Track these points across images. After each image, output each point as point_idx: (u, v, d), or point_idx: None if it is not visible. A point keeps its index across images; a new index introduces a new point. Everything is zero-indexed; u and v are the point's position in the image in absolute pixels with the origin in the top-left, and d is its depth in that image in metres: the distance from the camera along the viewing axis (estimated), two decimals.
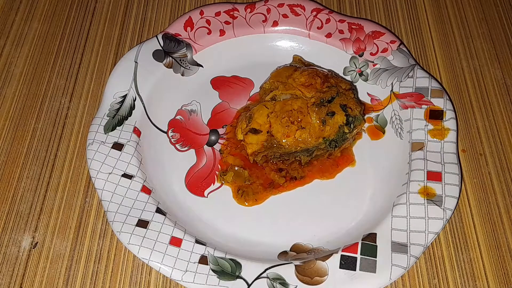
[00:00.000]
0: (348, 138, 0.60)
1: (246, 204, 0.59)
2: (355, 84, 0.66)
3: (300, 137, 0.57)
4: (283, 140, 0.58)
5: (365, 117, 0.64)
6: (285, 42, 0.69)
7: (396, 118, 0.63)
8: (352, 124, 0.59)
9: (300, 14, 0.69)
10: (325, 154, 0.61)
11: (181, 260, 0.51)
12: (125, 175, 0.57)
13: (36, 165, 0.62)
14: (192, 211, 0.58)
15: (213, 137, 0.64)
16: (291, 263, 0.52)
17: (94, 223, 0.58)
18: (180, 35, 0.67)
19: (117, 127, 0.60)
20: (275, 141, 0.58)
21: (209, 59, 0.68)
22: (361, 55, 0.66)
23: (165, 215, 0.55)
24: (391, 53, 0.65)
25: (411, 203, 0.55)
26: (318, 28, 0.68)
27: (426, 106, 0.61)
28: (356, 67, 0.67)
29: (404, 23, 0.75)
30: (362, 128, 0.63)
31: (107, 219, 0.54)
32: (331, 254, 0.52)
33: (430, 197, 0.55)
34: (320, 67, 0.64)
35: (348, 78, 0.67)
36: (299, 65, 0.64)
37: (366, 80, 0.66)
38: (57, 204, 0.59)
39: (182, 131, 0.64)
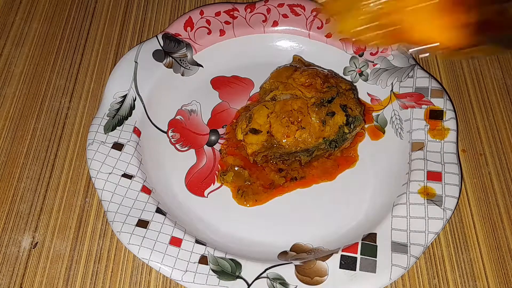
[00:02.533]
0: (348, 138, 0.60)
1: (247, 204, 0.59)
2: (355, 84, 0.66)
3: (300, 137, 0.57)
4: (283, 140, 0.57)
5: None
6: (285, 42, 0.69)
7: (396, 118, 0.63)
8: (352, 124, 0.59)
9: (300, 14, 0.69)
10: (325, 154, 0.61)
11: (181, 260, 0.51)
12: (125, 175, 0.57)
13: (36, 165, 0.62)
14: (192, 211, 0.58)
15: (213, 137, 0.64)
16: (291, 263, 0.52)
17: (94, 223, 0.58)
18: (180, 35, 0.67)
19: (117, 127, 0.60)
20: (275, 141, 0.58)
21: (209, 59, 0.68)
22: (361, 55, 0.66)
23: (165, 215, 0.55)
24: (391, 53, 0.65)
25: (411, 203, 0.55)
26: (318, 28, 0.68)
27: (426, 106, 0.61)
28: (356, 67, 0.67)
29: None
30: (363, 128, 0.63)
31: (107, 219, 0.54)
32: (331, 254, 0.52)
33: (430, 197, 0.55)
34: (320, 67, 0.64)
35: (348, 78, 0.67)
36: (299, 65, 0.64)
37: (366, 80, 0.66)
38: (57, 204, 0.59)
39: (182, 131, 0.64)
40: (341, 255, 0.52)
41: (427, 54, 0.45)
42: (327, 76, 0.61)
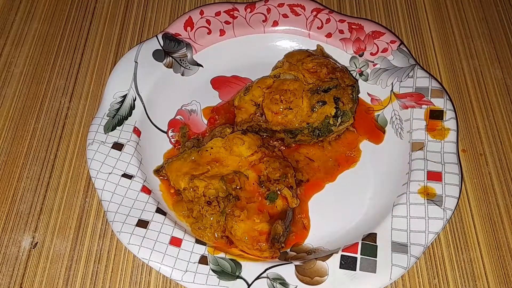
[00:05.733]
0: (333, 131, 0.60)
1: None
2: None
3: (285, 117, 0.59)
4: (269, 115, 0.59)
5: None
6: (285, 42, 0.69)
7: (396, 118, 0.63)
8: (339, 118, 0.59)
9: (300, 14, 0.69)
10: (310, 141, 0.61)
11: (181, 260, 0.51)
12: (125, 175, 0.57)
13: (36, 165, 0.62)
14: None
15: None
16: (291, 263, 0.52)
17: (94, 223, 0.58)
18: (180, 35, 0.67)
19: (117, 127, 0.60)
20: (262, 113, 0.60)
21: (209, 59, 0.68)
22: (361, 55, 0.66)
23: (165, 215, 0.55)
24: (391, 53, 0.65)
25: (411, 203, 0.55)
26: (318, 28, 0.68)
27: (426, 106, 0.61)
28: (356, 67, 0.67)
29: (404, 23, 0.75)
30: (354, 127, 0.63)
31: (107, 219, 0.54)
32: (331, 254, 0.52)
33: (430, 197, 0.55)
34: (337, 62, 0.65)
35: None
36: (317, 54, 0.64)
37: (366, 80, 0.66)
38: (57, 204, 0.59)
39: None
40: (341, 255, 0.52)
41: None
42: (335, 68, 0.62)
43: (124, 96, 0.62)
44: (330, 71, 0.61)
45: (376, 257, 0.51)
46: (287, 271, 0.51)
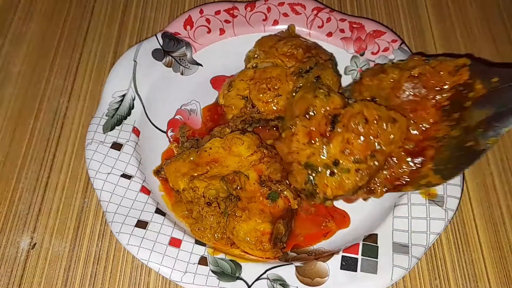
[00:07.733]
0: None
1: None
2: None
3: (277, 104, 0.59)
4: (260, 105, 0.59)
5: None
6: None
7: None
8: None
9: (300, 13, 0.68)
10: None
11: (180, 261, 0.51)
12: (124, 175, 0.56)
13: (34, 165, 0.61)
14: None
15: None
16: (292, 264, 0.52)
17: (93, 223, 0.58)
18: (180, 34, 0.67)
19: (116, 127, 0.60)
20: (253, 105, 0.60)
21: (209, 58, 0.68)
22: (362, 54, 0.66)
23: (164, 215, 0.54)
24: (393, 53, 0.65)
25: (412, 204, 0.54)
26: (318, 27, 0.68)
27: None
28: (357, 67, 0.66)
29: (405, 22, 0.75)
30: None
31: (106, 220, 0.54)
32: (332, 255, 0.52)
33: (432, 197, 0.54)
34: (306, 39, 0.65)
35: (349, 77, 0.67)
36: (285, 35, 0.65)
37: None
38: (55, 205, 0.59)
39: None
40: (342, 256, 0.51)
41: None
42: (309, 47, 0.62)
43: (123, 96, 0.62)
44: (305, 50, 0.61)
45: (377, 258, 0.51)
46: (288, 272, 0.51)
